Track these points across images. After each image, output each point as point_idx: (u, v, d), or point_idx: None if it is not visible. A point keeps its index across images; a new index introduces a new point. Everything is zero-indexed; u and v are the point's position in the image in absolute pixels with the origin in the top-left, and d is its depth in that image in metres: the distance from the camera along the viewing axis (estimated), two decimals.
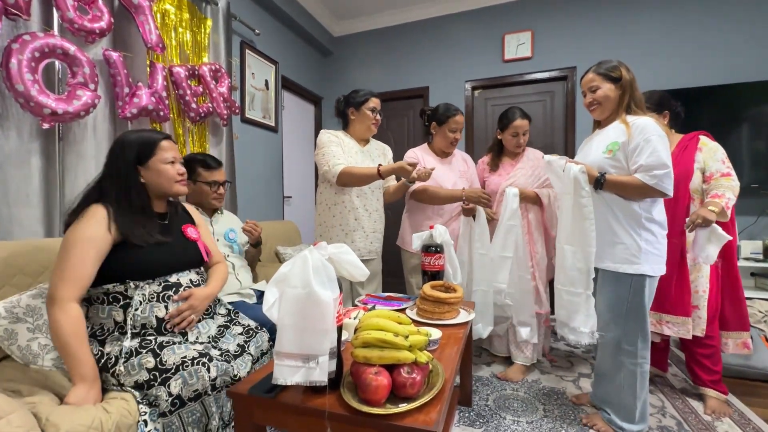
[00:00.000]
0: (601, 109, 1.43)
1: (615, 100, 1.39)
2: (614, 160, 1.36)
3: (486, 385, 1.86)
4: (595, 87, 1.41)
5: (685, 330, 1.63)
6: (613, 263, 1.37)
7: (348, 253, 0.87)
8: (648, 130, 1.29)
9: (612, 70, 1.39)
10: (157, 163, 1.14)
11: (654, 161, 1.26)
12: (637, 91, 1.40)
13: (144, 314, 1.06)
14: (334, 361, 0.81)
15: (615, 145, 1.36)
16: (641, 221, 1.33)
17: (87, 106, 1.44)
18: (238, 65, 2.60)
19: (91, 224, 1.02)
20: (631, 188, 1.32)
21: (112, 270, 1.05)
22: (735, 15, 2.62)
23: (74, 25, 1.44)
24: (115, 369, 0.99)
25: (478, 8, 3.29)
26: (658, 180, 1.26)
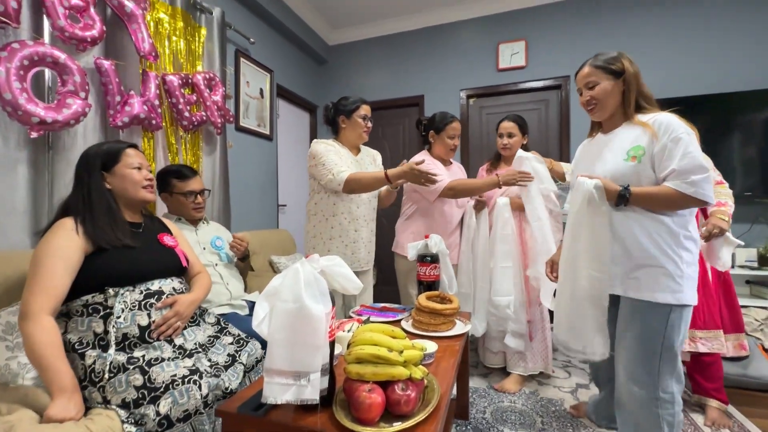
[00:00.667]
0: (601, 109, 1.21)
1: (617, 97, 1.18)
2: (641, 167, 1.11)
3: (483, 397, 1.83)
4: (593, 83, 1.19)
5: (719, 344, 1.58)
6: (649, 292, 1.10)
7: (341, 265, 0.84)
8: (674, 128, 1.07)
9: (612, 61, 1.17)
10: (123, 169, 1.16)
11: (689, 164, 1.04)
12: (644, 86, 1.19)
13: (126, 323, 1.03)
14: (326, 378, 0.78)
15: (639, 150, 1.12)
16: (680, 239, 1.09)
17: (77, 114, 1.42)
18: (233, 74, 2.59)
19: (57, 236, 1.02)
20: (663, 200, 1.08)
21: (88, 280, 1.03)
22: (727, 25, 2.66)
23: (65, 34, 1.42)
24: (104, 384, 0.95)
25: (473, 18, 3.32)
26: (698, 187, 1.03)
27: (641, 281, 1.11)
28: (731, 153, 2.54)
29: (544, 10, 3.10)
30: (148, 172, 1.22)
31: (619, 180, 1.15)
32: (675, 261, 1.08)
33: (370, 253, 1.87)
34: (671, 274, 1.08)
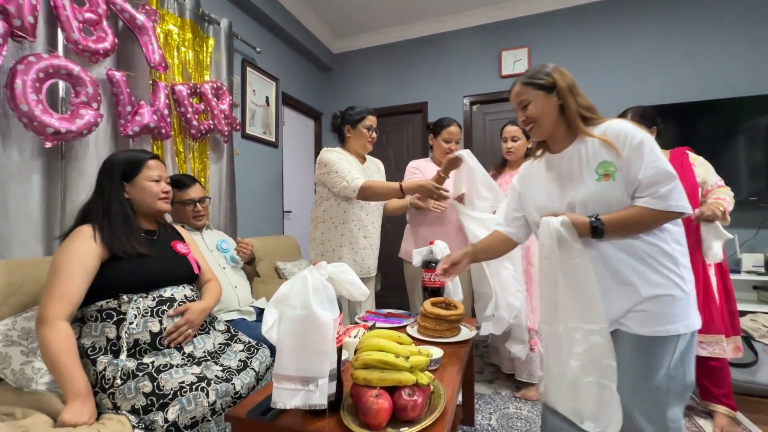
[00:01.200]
0: (540, 127, 1.08)
1: (554, 112, 1.06)
2: (617, 186, 0.97)
3: (488, 404, 1.83)
4: (525, 101, 1.08)
5: (720, 349, 1.56)
6: (659, 325, 0.94)
7: (348, 272, 0.86)
8: (631, 133, 0.96)
9: (541, 76, 1.06)
10: (143, 180, 1.19)
11: (654, 174, 0.93)
12: (582, 97, 1.06)
13: (138, 329, 1.06)
14: (333, 384, 0.79)
15: (609, 166, 0.98)
16: (677, 258, 0.96)
17: (90, 124, 1.46)
18: (239, 82, 2.63)
19: (76, 242, 1.04)
20: (638, 222, 0.96)
21: (103, 286, 1.05)
22: (730, 31, 2.67)
23: (79, 46, 1.47)
24: (113, 391, 0.97)
25: (476, 26, 3.35)
26: (669, 200, 0.92)
27: (649, 314, 0.96)
28: (737, 158, 2.54)
29: (546, 18, 3.13)
30: (167, 184, 1.25)
31: (600, 205, 1.00)
32: (679, 285, 0.95)
33: (375, 260, 1.89)
34: (679, 300, 0.95)
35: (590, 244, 1.00)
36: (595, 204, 1.00)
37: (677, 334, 0.94)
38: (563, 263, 1.01)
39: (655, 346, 0.95)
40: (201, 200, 1.68)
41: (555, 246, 1.01)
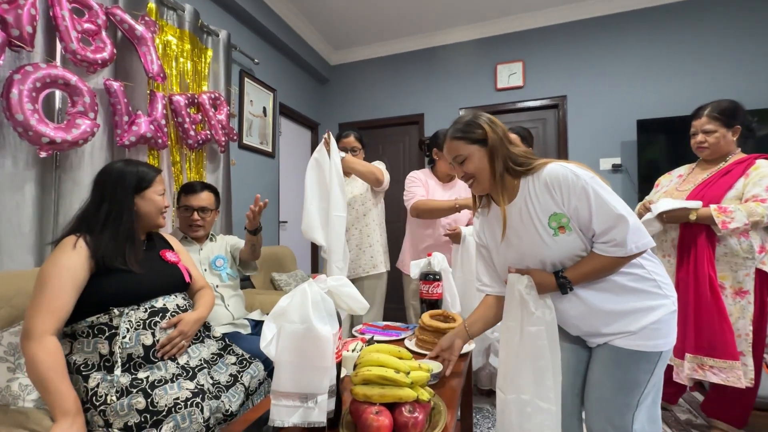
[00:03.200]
0: (479, 184, 1.03)
1: (488, 168, 1.00)
2: (574, 235, 0.94)
3: (486, 418, 1.81)
4: (461, 157, 1.02)
5: (734, 377, 1.40)
6: (641, 340, 0.93)
7: (347, 285, 0.85)
8: (569, 183, 0.91)
9: (474, 129, 1.00)
10: (153, 194, 1.18)
11: (605, 221, 0.89)
12: (513, 149, 1.00)
13: (131, 343, 1.03)
14: (333, 400, 0.78)
15: (561, 218, 0.94)
16: (658, 283, 0.95)
17: (86, 134, 1.45)
18: (237, 93, 2.64)
19: (65, 254, 1.00)
20: (602, 270, 0.94)
21: (92, 299, 1.02)
22: (724, 45, 2.75)
23: (77, 56, 1.46)
24: (105, 408, 0.94)
25: (472, 40, 3.41)
26: (627, 245, 0.88)
27: (631, 331, 0.94)
28: None
29: (541, 33, 3.20)
30: (165, 199, 1.26)
31: (569, 258, 0.97)
32: (665, 305, 0.94)
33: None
34: (661, 317, 0.93)
35: (567, 295, 0.98)
36: (563, 258, 0.97)
37: (658, 351, 0.93)
38: (522, 328, 0.98)
39: (634, 361, 0.94)
40: (201, 210, 1.63)
41: (518, 308, 0.98)
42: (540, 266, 1.01)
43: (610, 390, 0.97)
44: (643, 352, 0.93)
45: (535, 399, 0.95)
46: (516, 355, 0.99)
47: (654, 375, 0.94)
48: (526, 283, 0.98)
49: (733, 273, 1.48)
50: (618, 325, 0.95)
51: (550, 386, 0.95)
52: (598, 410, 0.99)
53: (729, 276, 1.49)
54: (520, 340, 0.98)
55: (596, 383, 1.00)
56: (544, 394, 0.95)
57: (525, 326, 0.97)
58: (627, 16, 2.97)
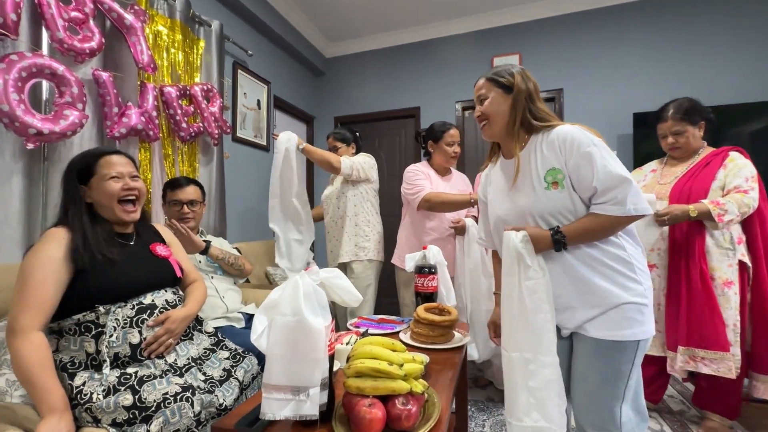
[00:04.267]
0: (491, 126, 1.07)
1: (506, 115, 1.04)
2: (567, 193, 0.97)
3: (482, 411, 1.81)
4: (483, 96, 1.07)
5: (725, 368, 1.43)
6: (617, 330, 0.94)
7: (340, 277, 0.84)
8: (578, 140, 0.94)
9: (503, 74, 1.05)
10: (98, 182, 1.07)
11: (607, 180, 0.91)
12: (539, 104, 1.04)
13: (118, 342, 1.00)
14: (325, 393, 0.77)
15: (557, 173, 0.97)
16: (634, 267, 0.96)
17: (74, 126, 1.42)
18: (230, 85, 2.60)
19: (47, 246, 0.97)
20: (599, 229, 0.94)
21: (78, 297, 0.99)
22: (714, 40, 2.74)
23: (64, 45, 1.43)
24: (91, 405, 0.92)
25: (468, 32, 3.38)
26: (626, 204, 0.90)
27: (607, 320, 0.95)
28: None
29: (538, 25, 3.18)
30: (131, 180, 1.11)
31: (552, 214, 0.99)
32: (637, 291, 0.94)
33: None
34: (637, 307, 0.94)
35: (551, 258, 0.99)
36: (545, 213, 1.00)
37: (635, 340, 0.94)
38: (520, 282, 0.98)
39: (613, 352, 0.95)
40: (191, 203, 1.65)
41: (515, 264, 0.99)
42: (526, 222, 1.03)
43: (595, 383, 0.98)
44: (620, 342, 0.94)
45: (538, 355, 0.95)
46: (516, 311, 0.99)
47: (635, 365, 0.96)
48: (522, 237, 0.99)
49: (720, 264, 1.51)
50: (588, 299, 0.97)
51: (552, 339, 0.95)
52: (586, 404, 1.01)
53: (717, 267, 1.51)
54: (519, 296, 0.98)
55: (581, 378, 1.01)
56: (546, 348, 0.95)
57: (522, 281, 0.98)
58: (624, 9, 2.94)
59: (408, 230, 2.05)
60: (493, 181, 1.16)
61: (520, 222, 1.05)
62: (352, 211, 2.08)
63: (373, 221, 2.12)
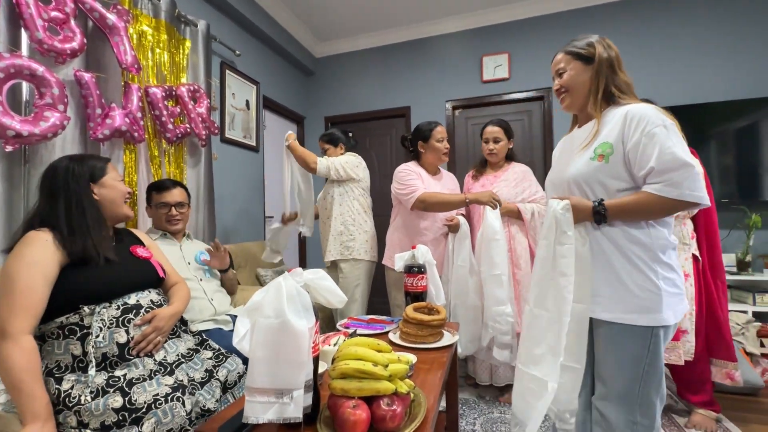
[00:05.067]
0: (570, 98, 1.09)
1: (587, 85, 1.05)
2: (610, 168, 0.98)
3: (473, 409, 1.82)
4: (562, 69, 1.09)
5: (675, 356, 1.55)
6: (624, 314, 0.97)
7: (324, 278, 0.83)
8: (648, 120, 0.93)
9: (583, 46, 1.05)
10: (111, 180, 1.16)
11: (668, 162, 0.89)
12: (622, 74, 1.04)
13: (105, 342, 0.99)
14: (310, 395, 0.76)
15: (606, 147, 0.98)
16: (655, 253, 0.96)
17: (55, 127, 1.39)
18: (218, 85, 2.58)
19: (33, 247, 0.96)
20: (645, 209, 0.94)
21: (62, 298, 0.98)
22: (701, 39, 2.78)
23: (44, 46, 1.40)
24: (79, 408, 0.91)
25: (457, 31, 3.39)
26: (683, 188, 0.88)
27: (618, 303, 0.98)
28: (708, 162, 2.62)
29: (526, 24, 3.19)
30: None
31: (584, 185, 1.03)
32: (652, 279, 0.95)
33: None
34: (649, 294, 0.95)
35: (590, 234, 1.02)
36: (579, 184, 1.03)
37: (646, 326, 0.95)
38: (555, 247, 1.02)
39: (628, 335, 0.97)
40: (178, 205, 1.64)
41: (552, 229, 1.02)
42: (564, 187, 1.08)
43: (614, 366, 1.01)
44: (633, 326, 0.96)
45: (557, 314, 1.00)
46: (546, 271, 1.03)
47: (651, 351, 0.96)
48: (563, 205, 1.01)
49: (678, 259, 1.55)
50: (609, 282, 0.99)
51: (569, 301, 0.99)
52: (610, 386, 1.02)
53: None
54: (552, 258, 1.02)
55: (601, 361, 1.04)
56: (565, 309, 0.99)
57: (555, 245, 1.01)
58: (611, 8, 2.97)
59: (400, 231, 2.03)
60: (563, 149, 1.19)
61: (560, 186, 1.10)
62: (337, 210, 2.10)
63: (359, 221, 2.11)
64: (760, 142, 2.53)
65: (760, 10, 2.66)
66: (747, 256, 2.49)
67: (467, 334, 1.82)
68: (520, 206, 1.88)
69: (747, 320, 2.24)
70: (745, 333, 2.19)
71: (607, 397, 1.02)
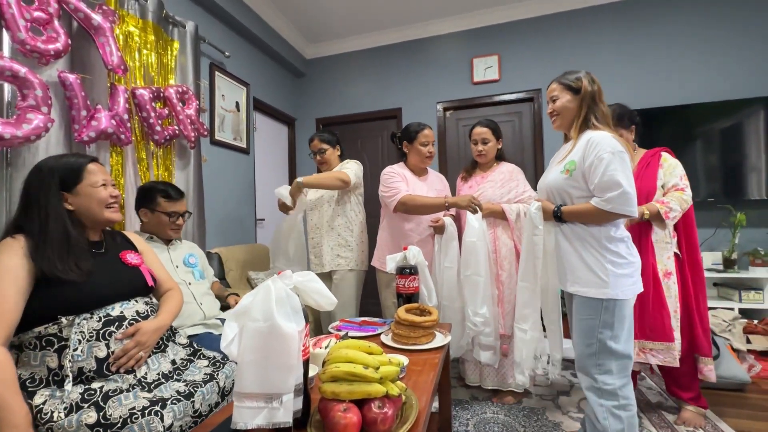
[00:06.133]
0: (560, 121, 1.35)
1: (573, 111, 1.30)
2: (573, 181, 1.26)
3: (465, 409, 1.82)
4: (555, 97, 1.34)
5: (671, 357, 1.54)
6: (582, 287, 1.25)
7: (314, 281, 0.83)
8: (601, 146, 1.18)
9: (573, 80, 1.30)
10: (87, 188, 1.07)
11: (606, 182, 1.16)
12: (601, 105, 1.29)
13: (83, 356, 0.95)
14: (300, 399, 0.75)
15: (572, 164, 1.26)
16: (602, 242, 1.22)
17: (38, 130, 1.36)
18: (207, 87, 2.55)
19: (4, 256, 0.93)
20: (590, 216, 1.22)
21: (40, 307, 0.94)
22: (686, 42, 2.83)
23: (26, 47, 1.37)
24: (51, 425, 0.87)
25: (448, 33, 3.41)
26: (614, 204, 1.15)
27: (576, 279, 1.27)
28: (694, 162, 2.67)
29: (516, 26, 3.22)
30: (114, 188, 1.14)
31: (554, 192, 1.34)
32: (600, 260, 1.22)
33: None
34: (597, 272, 1.21)
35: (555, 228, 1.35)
36: (552, 191, 1.35)
37: (596, 298, 1.21)
38: (529, 236, 1.42)
39: (583, 306, 1.25)
40: (183, 214, 1.65)
41: (529, 222, 1.41)
42: (545, 194, 1.39)
43: (576, 334, 1.30)
44: (588, 298, 1.23)
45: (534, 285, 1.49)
46: (528, 255, 1.47)
47: (602, 322, 1.21)
48: (536, 206, 1.38)
49: (661, 257, 1.61)
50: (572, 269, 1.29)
51: (538, 275, 1.46)
52: (576, 353, 1.31)
53: (659, 260, 1.61)
54: (528, 244, 1.45)
55: (573, 330, 1.33)
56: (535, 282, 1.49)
57: (529, 237, 1.43)
58: (600, 10, 3.02)
59: (387, 232, 2.03)
60: (553, 158, 1.46)
61: (542, 191, 1.42)
62: (338, 221, 2.05)
63: (356, 230, 2.07)
64: (744, 142, 2.59)
65: (743, 13, 2.72)
66: (733, 254, 2.54)
67: (455, 334, 1.82)
68: (505, 207, 1.85)
69: (733, 317, 2.28)
70: (731, 329, 2.22)
71: (577, 364, 1.29)
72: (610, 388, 1.21)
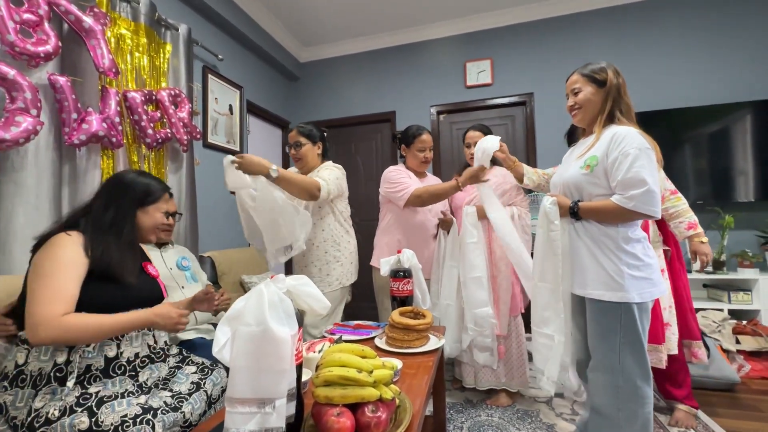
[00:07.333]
0: (582, 114, 1.27)
1: (597, 105, 1.24)
2: (593, 177, 1.18)
3: (460, 412, 1.82)
4: (578, 89, 1.26)
5: (657, 359, 1.57)
6: (597, 291, 1.17)
7: (308, 284, 0.82)
8: (627, 142, 1.11)
9: (597, 71, 1.23)
10: (155, 211, 1.18)
11: (630, 179, 1.08)
12: (626, 98, 1.23)
13: (93, 353, 0.97)
14: (293, 404, 0.75)
15: (593, 160, 1.18)
16: (619, 243, 1.15)
17: (27, 132, 1.35)
18: (200, 90, 2.54)
19: (68, 248, 0.98)
20: (609, 214, 1.15)
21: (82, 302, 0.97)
22: (676, 47, 2.88)
23: (15, 49, 1.36)
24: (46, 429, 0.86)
25: (441, 37, 3.43)
26: (637, 202, 1.08)
27: (591, 281, 1.19)
28: (684, 165, 2.71)
29: (508, 31, 3.26)
30: (172, 218, 1.26)
31: (572, 188, 1.25)
32: (615, 263, 1.14)
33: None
34: (612, 275, 1.14)
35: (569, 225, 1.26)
36: (569, 187, 1.26)
37: (614, 302, 1.14)
38: (545, 234, 1.27)
39: (605, 311, 1.16)
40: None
41: (544, 219, 1.28)
42: (561, 191, 1.30)
43: (595, 338, 1.21)
44: (606, 302, 1.16)
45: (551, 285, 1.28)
46: (543, 253, 1.30)
47: (623, 326, 1.14)
48: (551, 201, 1.26)
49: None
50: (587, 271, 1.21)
51: (558, 274, 1.26)
52: (594, 356, 1.22)
53: None
54: (545, 241, 1.28)
55: (590, 335, 1.24)
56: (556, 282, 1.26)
57: (546, 233, 1.27)
58: (592, 15, 3.06)
59: (391, 231, 2.00)
60: (568, 153, 1.41)
61: (558, 187, 1.33)
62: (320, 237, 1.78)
63: (344, 243, 1.83)
64: (732, 145, 2.63)
65: (732, 18, 2.77)
66: (722, 256, 2.57)
67: (452, 334, 1.82)
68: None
69: (723, 318, 2.31)
70: (721, 330, 2.25)
71: (595, 367, 1.21)
72: (630, 389, 1.15)
